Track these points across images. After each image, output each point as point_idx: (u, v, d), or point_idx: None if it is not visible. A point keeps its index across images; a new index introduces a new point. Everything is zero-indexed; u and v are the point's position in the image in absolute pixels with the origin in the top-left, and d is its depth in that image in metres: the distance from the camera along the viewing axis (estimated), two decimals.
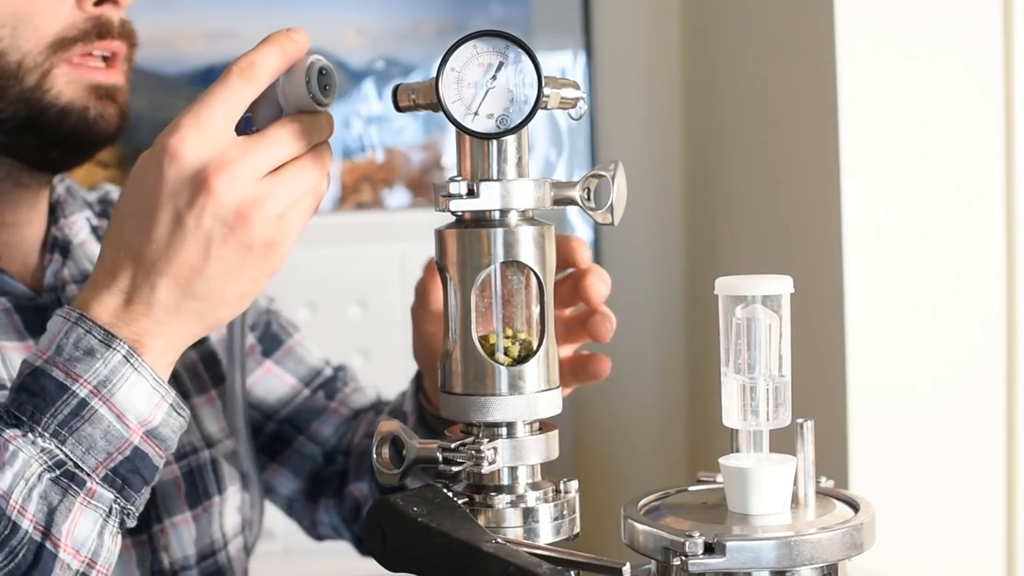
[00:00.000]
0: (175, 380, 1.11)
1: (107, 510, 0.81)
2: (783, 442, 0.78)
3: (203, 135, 0.79)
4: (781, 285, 0.77)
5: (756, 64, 1.70)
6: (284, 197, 0.80)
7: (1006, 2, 1.31)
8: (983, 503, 1.35)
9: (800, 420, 0.76)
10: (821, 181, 1.37)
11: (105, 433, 0.80)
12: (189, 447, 1.10)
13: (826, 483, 0.81)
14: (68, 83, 0.98)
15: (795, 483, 0.77)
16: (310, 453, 1.22)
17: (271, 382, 1.24)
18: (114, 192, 1.22)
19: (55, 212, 1.10)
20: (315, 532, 1.26)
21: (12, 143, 1.00)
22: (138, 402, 0.80)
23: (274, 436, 1.23)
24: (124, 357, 0.80)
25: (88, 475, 0.80)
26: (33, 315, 1.02)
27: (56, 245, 1.08)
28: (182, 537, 1.08)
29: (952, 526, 1.34)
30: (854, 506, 0.77)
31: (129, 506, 0.82)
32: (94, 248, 1.12)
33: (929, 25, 1.30)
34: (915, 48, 1.30)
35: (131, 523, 0.83)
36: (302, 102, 0.82)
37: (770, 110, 1.63)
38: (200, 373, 1.15)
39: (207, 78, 2.13)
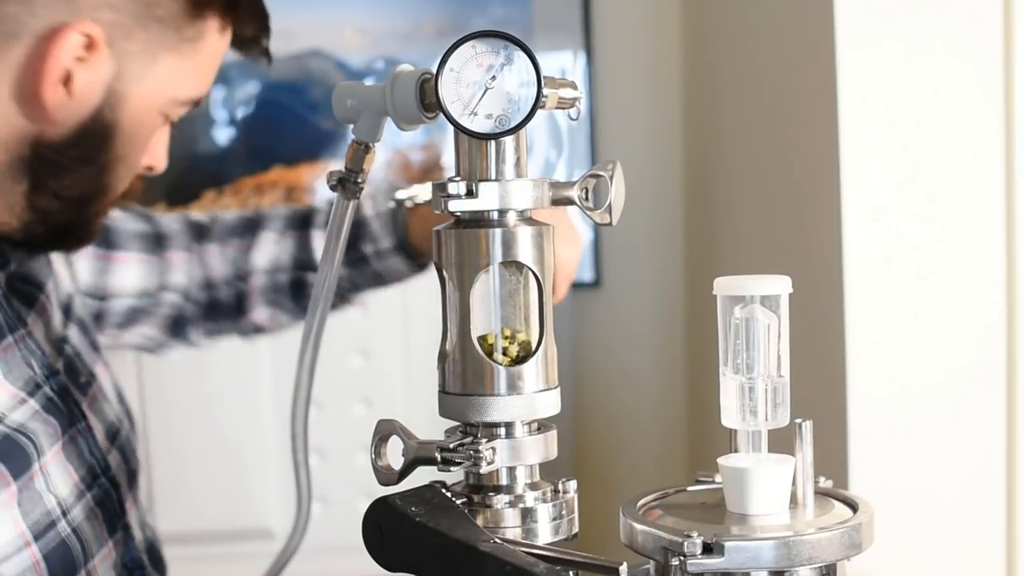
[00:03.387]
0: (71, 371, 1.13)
1: None
2: (782, 442, 0.78)
3: None
4: (779, 285, 0.77)
5: (756, 64, 1.70)
6: None
7: (1006, 2, 1.31)
8: (983, 503, 1.35)
9: (799, 420, 0.76)
10: (821, 181, 1.37)
11: None
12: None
13: (825, 483, 0.80)
14: None
15: (794, 483, 0.77)
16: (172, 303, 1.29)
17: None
18: None
19: None
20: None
21: None
22: None
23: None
24: None
25: None
26: None
27: None
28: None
29: (952, 526, 1.34)
30: (853, 506, 0.77)
31: None
32: None
33: (929, 25, 1.30)
34: (915, 48, 1.30)
35: None
36: (409, 111, 0.81)
37: (770, 110, 1.63)
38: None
39: None
